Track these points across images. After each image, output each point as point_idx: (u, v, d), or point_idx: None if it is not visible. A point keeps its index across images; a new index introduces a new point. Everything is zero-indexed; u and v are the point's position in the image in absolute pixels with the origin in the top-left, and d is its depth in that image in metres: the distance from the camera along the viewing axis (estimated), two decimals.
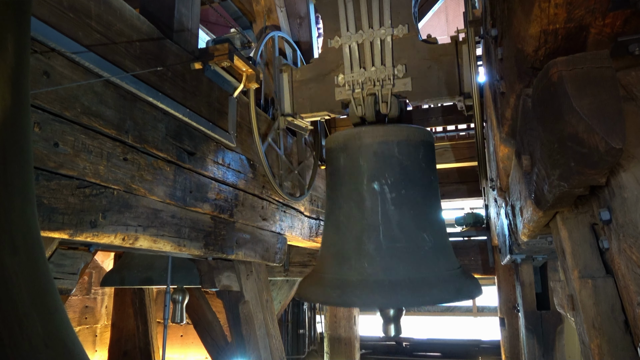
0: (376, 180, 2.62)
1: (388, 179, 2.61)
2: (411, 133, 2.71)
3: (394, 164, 2.64)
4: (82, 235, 1.91)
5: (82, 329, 6.06)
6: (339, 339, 5.82)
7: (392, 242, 2.53)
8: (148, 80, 2.29)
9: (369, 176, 2.64)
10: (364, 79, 3.06)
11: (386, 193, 2.60)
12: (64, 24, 1.84)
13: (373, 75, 3.04)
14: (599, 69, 1.12)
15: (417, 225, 2.60)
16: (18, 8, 1.00)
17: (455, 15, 9.98)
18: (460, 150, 5.52)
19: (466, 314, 8.69)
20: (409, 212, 2.61)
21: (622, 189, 1.15)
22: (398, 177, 2.62)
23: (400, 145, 2.67)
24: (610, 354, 1.18)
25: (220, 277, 3.23)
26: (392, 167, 2.64)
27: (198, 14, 2.92)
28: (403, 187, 2.62)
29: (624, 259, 1.13)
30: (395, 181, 2.61)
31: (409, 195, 2.64)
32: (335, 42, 3.13)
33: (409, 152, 2.67)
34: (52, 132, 1.78)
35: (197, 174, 2.71)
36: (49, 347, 0.89)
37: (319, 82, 3.34)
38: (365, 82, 3.06)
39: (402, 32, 2.99)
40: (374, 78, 3.03)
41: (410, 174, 2.66)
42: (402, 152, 2.66)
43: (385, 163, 2.65)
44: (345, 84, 3.12)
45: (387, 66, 3.02)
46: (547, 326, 3.37)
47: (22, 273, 0.89)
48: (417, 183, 2.67)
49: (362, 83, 3.07)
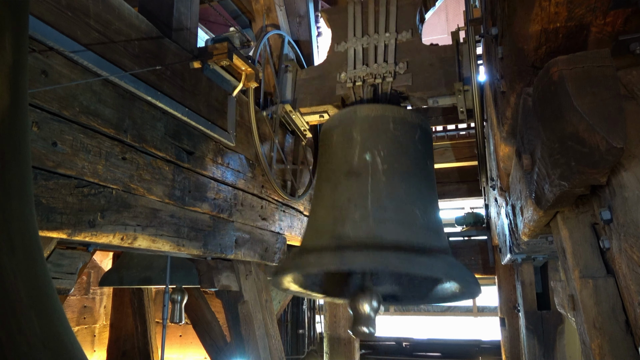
0: (368, 150, 2.40)
1: (381, 151, 2.40)
2: (409, 114, 2.55)
3: (388, 137, 2.44)
4: (80, 234, 1.91)
5: (81, 329, 6.05)
6: (338, 339, 5.82)
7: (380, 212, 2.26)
8: (147, 79, 2.28)
9: (362, 147, 2.43)
10: (365, 74, 3.15)
11: (378, 164, 2.38)
12: (62, 22, 1.84)
13: (375, 71, 3.14)
14: (600, 68, 1.12)
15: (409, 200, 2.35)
16: (16, 7, 0.99)
17: (455, 14, 9.97)
18: (461, 150, 5.51)
19: (466, 314, 8.68)
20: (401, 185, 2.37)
21: (623, 188, 1.15)
22: (392, 150, 2.42)
23: (396, 122, 2.48)
24: (611, 354, 1.18)
25: (220, 277, 3.23)
26: (386, 140, 2.44)
27: (197, 12, 2.91)
28: (396, 160, 2.41)
29: (625, 259, 1.12)
30: (388, 154, 2.40)
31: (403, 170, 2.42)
32: (341, 47, 3.32)
33: (405, 130, 2.49)
34: (51, 131, 1.77)
35: (196, 174, 2.70)
36: (48, 347, 0.89)
37: (321, 80, 3.44)
38: (367, 77, 3.15)
39: (405, 37, 3.16)
40: (375, 73, 3.13)
41: (405, 150, 2.46)
42: (398, 128, 2.47)
43: (379, 135, 2.45)
44: (347, 79, 3.21)
45: (389, 63, 3.12)
46: (547, 326, 3.37)
47: (20, 273, 0.89)
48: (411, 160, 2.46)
49: (363, 77, 3.15)
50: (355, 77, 3.18)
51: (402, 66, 3.08)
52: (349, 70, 3.22)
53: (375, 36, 3.17)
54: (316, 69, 3.53)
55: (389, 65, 3.11)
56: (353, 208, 2.28)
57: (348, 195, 2.34)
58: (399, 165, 2.40)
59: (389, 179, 2.34)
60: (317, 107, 3.38)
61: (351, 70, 3.21)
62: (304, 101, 3.47)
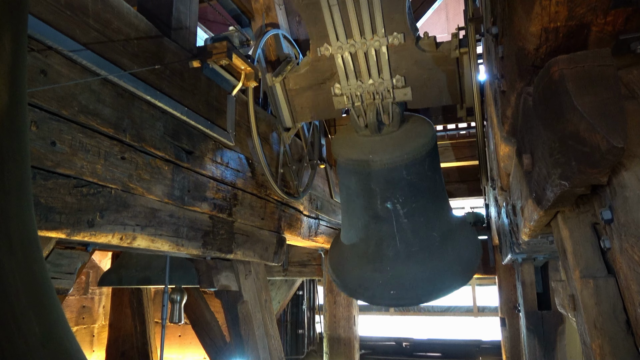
0: (389, 200, 3.00)
1: (399, 198, 2.99)
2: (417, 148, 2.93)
3: (403, 185, 2.98)
4: (79, 234, 1.90)
5: (80, 329, 6.04)
6: (338, 339, 5.81)
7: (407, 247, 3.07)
8: (146, 78, 2.27)
9: (382, 198, 3.02)
10: (362, 91, 2.93)
11: (398, 210, 3.00)
12: (61, 22, 1.83)
13: (371, 88, 2.90)
14: (601, 67, 1.12)
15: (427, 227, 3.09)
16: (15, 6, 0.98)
17: (455, 13, 9.97)
18: (461, 149, 5.52)
19: (466, 314, 8.68)
20: (420, 219, 3.06)
21: (623, 188, 1.15)
22: (407, 194, 3.01)
23: (408, 167, 2.94)
24: (611, 355, 1.18)
25: (219, 276, 3.22)
26: (401, 188, 3.00)
27: (196, 11, 2.91)
28: (413, 201, 3.03)
29: (626, 259, 1.12)
30: (405, 199, 3.00)
31: (419, 206, 3.05)
32: (325, 50, 2.86)
33: (416, 170, 2.96)
34: (49, 130, 1.77)
35: (196, 173, 2.70)
36: (46, 347, 0.88)
37: (315, 91, 3.21)
38: (364, 94, 2.95)
39: (397, 41, 2.72)
40: (373, 91, 2.91)
41: (418, 188, 3.02)
42: (410, 172, 2.96)
43: (395, 186, 2.99)
44: (343, 95, 3.01)
45: (385, 78, 2.85)
46: (548, 326, 3.37)
47: (19, 273, 0.88)
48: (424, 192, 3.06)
49: (360, 96, 2.96)
50: (352, 94, 2.96)
51: (400, 79, 2.87)
52: (342, 84, 2.95)
53: (363, 41, 2.70)
54: (304, 77, 3.20)
55: (385, 82, 2.85)
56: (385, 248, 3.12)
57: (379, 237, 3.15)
58: (415, 204, 3.05)
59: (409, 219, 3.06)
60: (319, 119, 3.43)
61: (345, 84, 2.94)
62: (304, 115, 3.39)
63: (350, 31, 2.70)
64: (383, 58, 2.78)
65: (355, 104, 3.02)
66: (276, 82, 3.24)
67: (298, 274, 5.98)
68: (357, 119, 3.09)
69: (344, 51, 2.78)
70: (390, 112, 3.01)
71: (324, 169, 4.84)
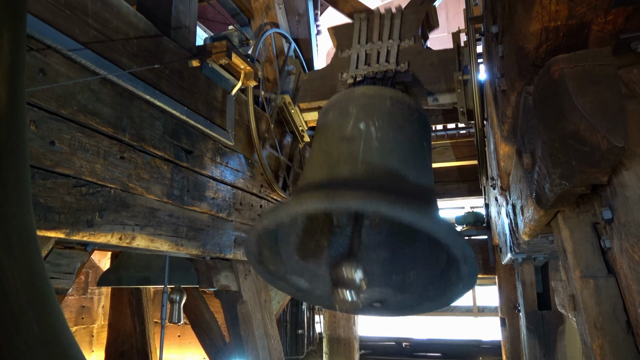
0: (363, 121, 2.30)
1: (376, 122, 2.29)
2: (407, 97, 2.43)
3: (385, 112, 2.34)
4: (78, 234, 1.90)
5: (79, 329, 6.04)
6: (338, 339, 5.81)
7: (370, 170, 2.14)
8: (145, 78, 2.27)
9: (356, 118, 2.33)
10: (367, 72, 3.21)
11: (372, 132, 2.26)
12: (61, 21, 1.83)
13: (376, 69, 3.20)
14: (601, 67, 1.11)
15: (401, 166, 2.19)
16: (14, 5, 0.98)
17: (455, 12, 9.97)
18: (461, 149, 5.51)
19: (466, 314, 8.67)
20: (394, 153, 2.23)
21: (624, 187, 1.14)
22: (387, 122, 2.32)
23: (393, 101, 2.37)
24: (612, 355, 1.17)
25: (218, 276, 3.22)
26: (382, 114, 2.34)
27: (196, 10, 2.90)
28: (391, 131, 2.30)
29: (626, 259, 1.12)
30: (383, 124, 2.30)
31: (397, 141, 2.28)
32: (345, 54, 3.42)
33: (402, 109, 2.37)
34: (49, 130, 1.77)
35: (195, 173, 2.69)
36: (45, 347, 0.88)
37: (323, 80, 3.50)
38: (368, 74, 3.20)
39: (408, 44, 3.25)
40: (377, 71, 3.19)
41: (402, 126, 2.33)
42: (395, 107, 2.35)
43: (375, 110, 2.35)
44: (349, 78, 3.26)
45: (391, 62, 3.19)
46: (548, 326, 3.36)
47: (18, 273, 0.88)
48: (407, 136, 2.32)
49: (364, 75, 3.20)
50: (357, 75, 3.25)
51: (403, 66, 3.16)
52: (351, 70, 3.29)
53: (379, 43, 3.29)
54: (319, 72, 3.63)
55: (390, 64, 3.19)
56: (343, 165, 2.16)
57: (338, 156, 2.21)
58: (393, 135, 2.27)
59: (381, 145, 2.22)
60: (317, 102, 3.41)
61: (353, 70, 3.28)
62: (304, 97, 3.53)
63: (371, 38, 3.34)
64: (393, 52, 3.24)
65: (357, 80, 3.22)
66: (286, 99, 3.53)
67: None
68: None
69: (361, 50, 3.33)
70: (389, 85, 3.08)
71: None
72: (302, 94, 3.55)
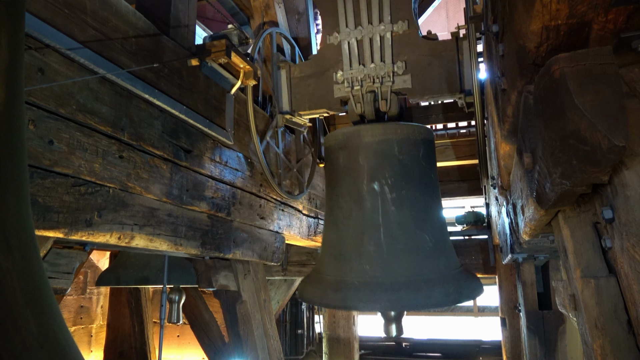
0: (376, 180, 2.61)
1: (388, 179, 2.61)
2: (411, 131, 2.69)
3: (394, 163, 2.64)
4: (77, 234, 1.89)
5: (77, 329, 6.03)
6: (337, 339, 5.81)
7: (393, 243, 2.52)
8: (144, 77, 2.26)
9: (369, 176, 2.63)
10: (363, 75, 3.03)
11: (386, 193, 2.59)
12: (59, 19, 1.82)
13: (372, 72, 3.01)
14: (602, 66, 1.11)
15: (418, 225, 2.58)
16: (12, 3, 0.98)
17: (455, 11, 9.97)
18: (461, 148, 5.51)
19: (467, 314, 8.68)
20: (410, 212, 2.60)
21: (625, 187, 1.14)
22: (398, 176, 2.62)
23: (400, 144, 2.66)
24: (613, 355, 1.17)
25: (218, 276, 3.22)
26: (392, 167, 2.64)
27: (195, 9, 2.89)
28: (403, 187, 2.62)
29: (627, 258, 1.11)
30: (395, 181, 2.61)
31: (410, 195, 2.62)
32: (334, 39, 3.08)
33: (409, 151, 2.67)
34: (47, 129, 1.76)
35: (194, 172, 2.69)
36: (44, 348, 0.88)
37: (317, 79, 3.30)
38: (365, 79, 3.03)
39: (402, 29, 2.95)
40: (373, 75, 3.00)
41: (411, 173, 2.66)
42: (402, 151, 2.65)
43: (385, 162, 2.65)
44: (344, 81, 3.09)
45: (387, 63, 2.99)
46: (548, 326, 3.36)
47: (16, 272, 0.88)
48: (417, 182, 2.67)
49: (361, 80, 3.04)
50: (353, 79, 3.06)
51: (401, 65, 2.99)
52: (345, 69, 3.09)
53: (370, 27, 2.96)
54: (310, 64, 3.38)
55: (386, 66, 2.99)
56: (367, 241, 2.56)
57: (362, 228, 2.61)
58: (406, 191, 2.63)
59: (397, 208, 2.60)
60: (316, 110, 3.36)
61: (347, 70, 3.08)
62: (302, 104, 3.38)
63: (360, 19, 2.96)
64: (387, 44, 2.97)
65: (355, 87, 3.06)
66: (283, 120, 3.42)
67: (297, 274, 5.97)
68: (355, 106, 3.08)
69: (351, 37, 3.01)
70: (388, 99, 3.01)
71: (323, 168, 4.84)
72: (299, 99, 3.38)
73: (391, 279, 2.42)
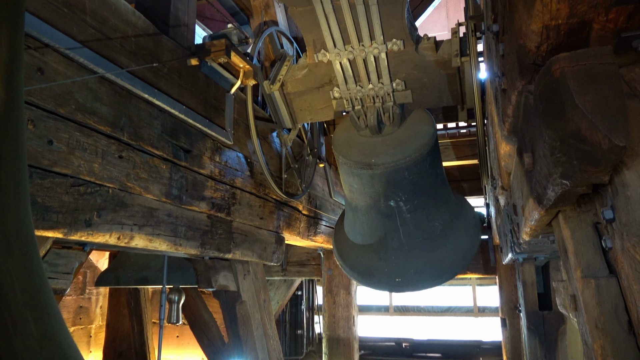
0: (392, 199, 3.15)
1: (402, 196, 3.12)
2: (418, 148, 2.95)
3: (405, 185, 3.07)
4: (76, 234, 1.89)
5: (77, 329, 6.02)
6: (337, 339, 5.80)
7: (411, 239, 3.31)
8: (143, 76, 2.26)
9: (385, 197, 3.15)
10: (361, 95, 2.90)
11: (402, 207, 3.16)
12: (58, 19, 1.82)
13: (371, 92, 2.87)
14: (602, 65, 1.11)
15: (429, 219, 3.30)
16: (12, 3, 0.97)
17: (455, 10, 9.96)
18: (461, 148, 5.51)
19: (467, 314, 8.67)
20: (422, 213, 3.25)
21: (625, 187, 1.14)
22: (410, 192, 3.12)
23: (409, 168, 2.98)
24: (613, 355, 1.17)
25: (217, 276, 3.21)
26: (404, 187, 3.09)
27: (194, 9, 2.89)
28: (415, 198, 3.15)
29: (628, 258, 1.11)
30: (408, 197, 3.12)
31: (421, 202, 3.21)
32: (322, 56, 2.76)
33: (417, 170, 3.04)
34: (46, 129, 1.75)
35: (194, 172, 2.68)
36: (43, 348, 0.87)
37: (313, 95, 3.15)
38: (364, 98, 2.92)
39: (397, 47, 2.65)
40: (373, 95, 2.89)
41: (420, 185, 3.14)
42: (412, 172, 3.02)
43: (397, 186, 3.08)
44: (343, 99, 2.98)
45: (385, 83, 2.81)
46: (549, 327, 3.36)
47: (15, 273, 0.87)
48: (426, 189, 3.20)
49: (360, 99, 2.94)
50: (352, 98, 2.91)
51: (400, 82, 2.84)
52: (341, 88, 2.90)
53: (361, 48, 2.62)
54: (301, 83, 3.11)
55: (385, 86, 2.81)
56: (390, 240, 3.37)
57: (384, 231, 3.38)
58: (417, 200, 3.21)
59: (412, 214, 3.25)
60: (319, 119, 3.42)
61: (344, 89, 2.89)
62: (304, 116, 3.34)
63: (348, 38, 2.60)
64: (382, 64, 2.72)
65: (356, 107, 3.00)
66: (274, 89, 3.13)
67: (297, 274, 5.97)
68: (358, 120, 3.08)
69: (342, 58, 2.70)
70: (391, 113, 3.01)
71: (323, 168, 4.83)
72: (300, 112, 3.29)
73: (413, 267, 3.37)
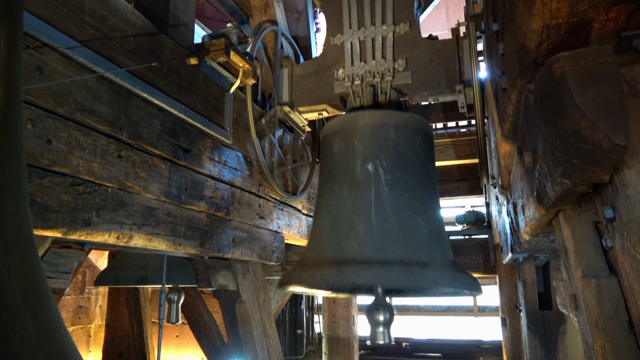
0: (370, 161, 2.50)
1: (383, 161, 2.50)
2: (409, 119, 2.67)
3: (389, 146, 2.54)
4: (75, 233, 1.88)
5: (76, 329, 6.02)
6: (337, 339, 5.80)
7: (384, 223, 2.36)
8: (143, 75, 2.26)
9: (363, 157, 2.52)
10: (364, 71, 3.09)
11: (380, 174, 2.47)
12: (57, 18, 1.81)
13: (373, 68, 3.07)
14: (602, 65, 1.11)
15: (412, 209, 2.44)
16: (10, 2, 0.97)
17: (455, 9, 9.94)
18: (461, 147, 5.50)
19: (467, 314, 8.66)
20: (404, 195, 2.46)
21: (625, 186, 1.14)
22: (394, 159, 2.52)
23: (397, 129, 2.59)
24: (613, 355, 1.17)
25: (217, 276, 3.21)
26: (387, 150, 2.53)
27: (194, 8, 2.89)
28: (399, 169, 2.50)
29: (628, 258, 1.11)
30: (390, 163, 2.50)
31: (405, 179, 2.50)
32: (337, 39, 3.19)
33: (406, 137, 2.60)
34: (45, 128, 1.75)
35: (193, 172, 2.68)
36: (42, 348, 0.87)
37: (318, 76, 3.36)
38: (365, 75, 3.08)
39: (403, 29, 3.06)
40: (374, 71, 3.06)
41: (407, 158, 2.56)
42: (399, 136, 2.58)
43: (381, 145, 2.55)
44: (345, 77, 3.15)
45: (388, 59, 3.05)
46: (549, 326, 3.35)
47: (14, 272, 0.87)
48: (413, 168, 2.57)
49: (361, 75, 3.09)
50: (354, 74, 3.11)
51: (401, 63, 3.03)
52: (347, 67, 3.14)
53: (372, 28, 3.08)
54: (312, 64, 3.44)
55: (387, 62, 3.05)
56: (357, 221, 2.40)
57: (352, 208, 2.46)
58: (401, 174, 2.50)
59: (391, 189, 2.45)
60: (316, 105, 3.35)
61: (349, 67, 3.14)
62: (302, 100, 3.41)
63: (363, 21, 3.09)
64: (388, 43, 3.07)
65: (355, 82, 3.09)
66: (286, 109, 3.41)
67: None
68: (354, 100, 3.09)
69: (354, 38, 3.11)
70: (388, 93, 3.02)
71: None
72: (299, 96, 3.42)
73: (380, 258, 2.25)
